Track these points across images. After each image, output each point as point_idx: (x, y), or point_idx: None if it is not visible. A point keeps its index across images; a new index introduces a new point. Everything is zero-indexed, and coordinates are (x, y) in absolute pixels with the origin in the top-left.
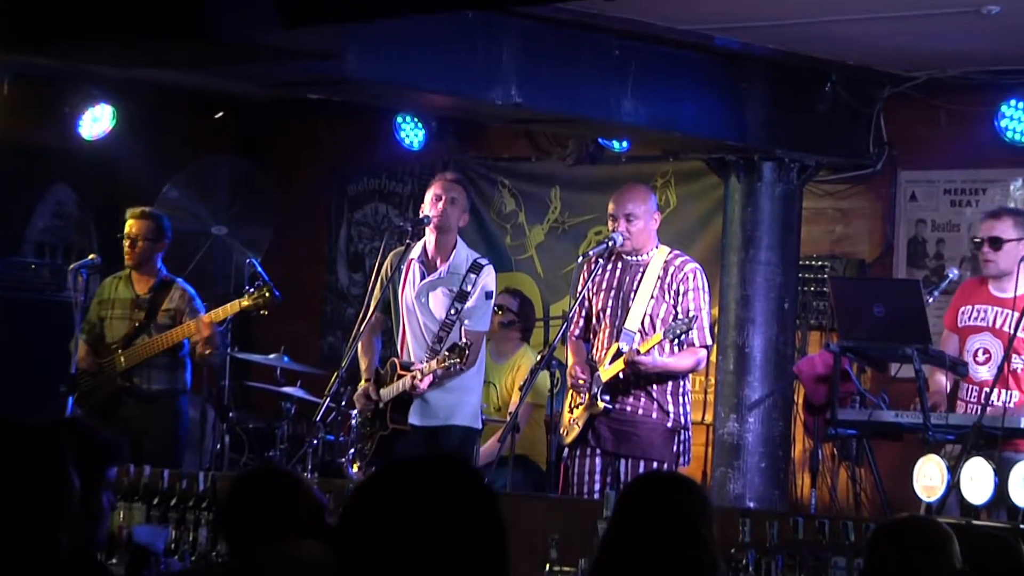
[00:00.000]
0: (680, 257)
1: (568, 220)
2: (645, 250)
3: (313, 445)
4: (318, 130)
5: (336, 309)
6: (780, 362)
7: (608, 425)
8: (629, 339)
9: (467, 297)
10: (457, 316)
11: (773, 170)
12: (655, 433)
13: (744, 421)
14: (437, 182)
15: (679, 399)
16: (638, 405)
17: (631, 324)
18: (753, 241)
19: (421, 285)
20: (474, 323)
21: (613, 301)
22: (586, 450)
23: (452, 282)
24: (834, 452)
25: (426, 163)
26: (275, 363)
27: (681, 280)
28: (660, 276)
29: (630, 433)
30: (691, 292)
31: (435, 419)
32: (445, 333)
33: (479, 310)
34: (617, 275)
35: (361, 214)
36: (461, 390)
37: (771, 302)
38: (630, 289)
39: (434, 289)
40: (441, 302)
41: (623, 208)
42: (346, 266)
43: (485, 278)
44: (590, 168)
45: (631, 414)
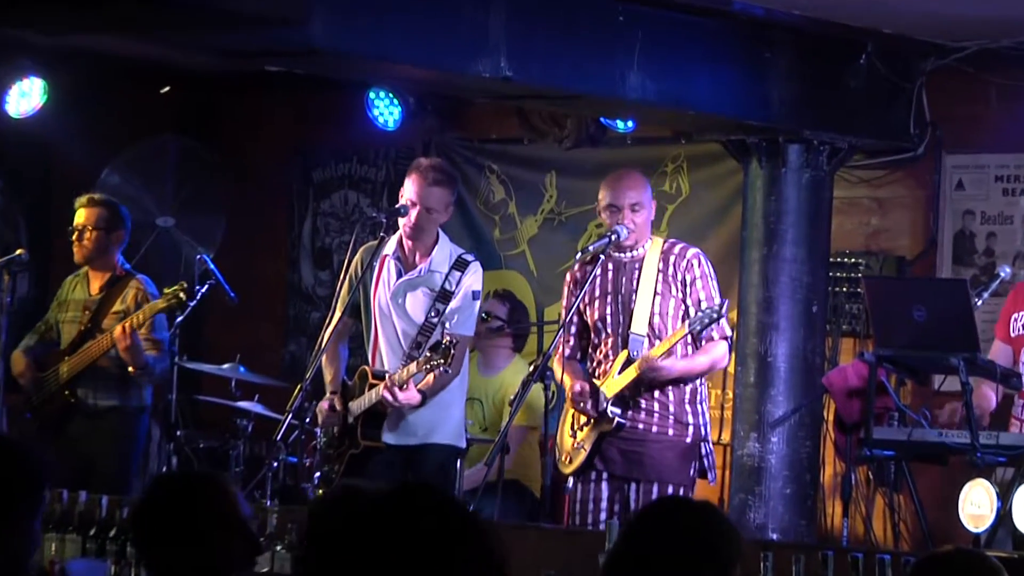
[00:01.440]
0: (678, 244)
1: (565, 211)
2: (640, 243)
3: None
4: (278, 107)
5: (299, 312)
6: (807, 373)
7: (617, 445)
8: (638, 345)
9: (450, 297)
10: (438, 319)
11: (800, 154)
12: (671, 453)
13: (766, 441)
14: (415, 177)
15: (697, 408)
16: (651, 421)
17: (637, 328)
18: (777, 235)
19: (397, 285)
20: (458, 326)
21: (612, 307)
22: (590, 475)
23: (433, 281)
24: (869, 476)
25: (403, 145)
26: (229, 374)
27: (686, 269)
28: (660, 269)
29: (642, 454)
30: (699, 280)
31: (412, 437)
32: (424, 338)
33: (464, 312)
34: (611, 277)
35: (328, 204)
36: (442, 404)
37: (797, 305)
38: (629, 290)
39: (412, 289)
40: (420, 303)
41: (625, 197)
42: (311, 263)
43: (471, 276)
44: (591, 151)
45: (643, 432)
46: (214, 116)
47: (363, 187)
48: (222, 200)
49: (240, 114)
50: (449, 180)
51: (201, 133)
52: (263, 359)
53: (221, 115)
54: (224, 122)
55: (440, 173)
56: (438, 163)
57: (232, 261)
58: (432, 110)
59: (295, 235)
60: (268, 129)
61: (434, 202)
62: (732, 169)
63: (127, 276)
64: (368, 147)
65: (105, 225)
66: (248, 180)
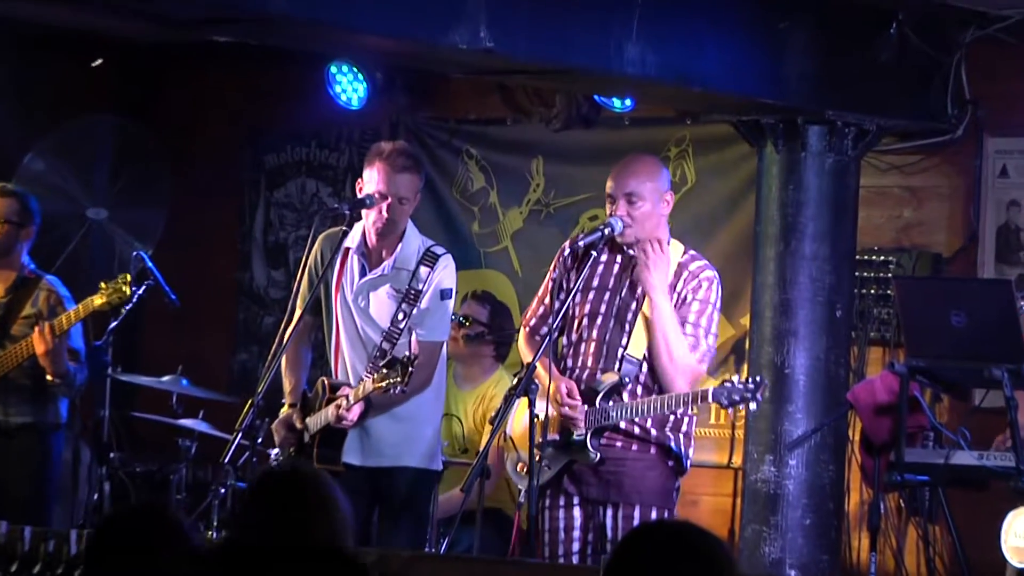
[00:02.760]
0: (697, 261)
1: (554, 201)
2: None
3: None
4: (227, 83)
5: (250, 317)
6: (830, 387)
7: (592, 466)
8: (631, 370)
9: (418, 298)
10: (406, 322)
11: (822, 136)
12: (653, 473)
13: (783, 465)
14: (380, 165)
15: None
16: (630, 443)
17: (634, 350)
18: (795, 229)
19: (360, 283)
20: (427, 331)
21: (607, 308)
22: (559, 499)
23: (399, 279)
24: (900, 504)
25: (368, 127)
26: (170, 387)
27: (692, 287)
28: (671, 283)
29: (620, 474)
30: (698, 303)
31: (380, 457)
32: (390, 345)
33: (434, 314)
34: (615, 271)
35: (283, 193)
36: (414, 420)
37: (819, 309)
38: (630, 297)
39: (375, 289)
40: (386, 305)
41: (623, 185)
42: (263, 261)
43: (441, 272)
44: (583, 134)
45: (621, 450)
46: (153, 93)
47: (323, 174)
48: (162, 189)
49: (183, 91)
50: (417, 164)
51: (139, 113)
52: (209, 370)
53: (162, 92)
54: (165, 100)
55: (407, 158)
56: (402, 146)
57: (173, 259)
58: (402, 86)
59: (245, 229)
60: (215, 108)
61: (405, 190)
62: (744, 154)
63: (35, 277)
64: (329, 129)
65: (17, 219)
66: (192, 166)
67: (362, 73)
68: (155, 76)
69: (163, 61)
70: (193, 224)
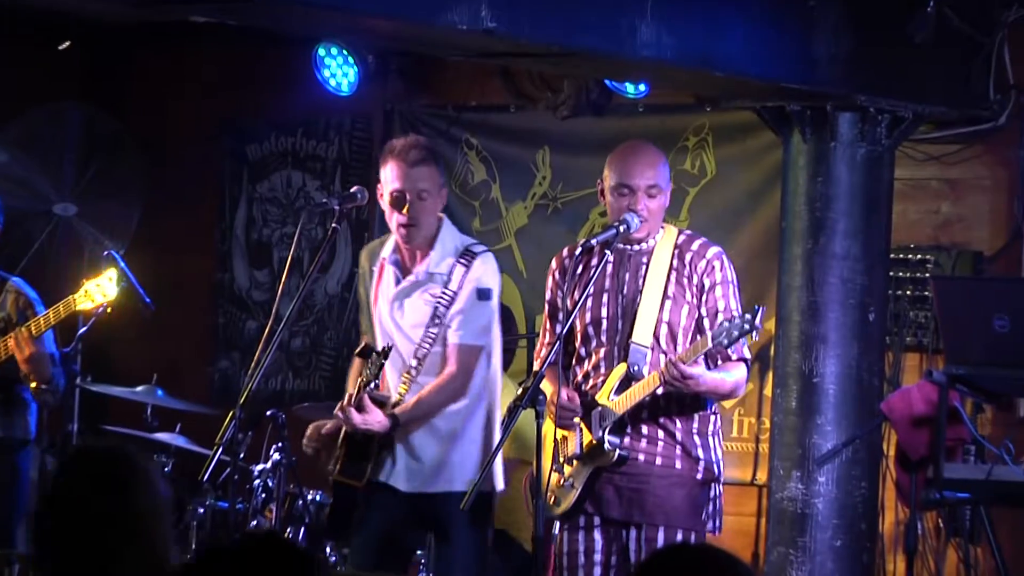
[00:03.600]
0: (697, 239)
1: (562, 195)
2: (651, 234)
3: (198, 515)
4: (205, 68)
5: (231, 321)
6: (863, 397)
7: (613, 482)
8: (640, 358)
9: (453, 299)
10: (440, 329)
11: (853, 124)
12: (680, 491)
13: (812, 481)
14: (393, 162)
15: (709, 441)
16: (654, 451)
17: (641, 336)
18: (825, 225)
19: (395, 293)
20: (461, 332)
21: (611, 308)
22: (579, 520)
23: (434, 283)
24: (939, 525)
25: (359, 115)
26: (145, 399)
27: (705, 271)
28: (674, 266)
29: (643, 492)
30: (720, 287)
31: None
32: (424, 351)
33: (470, 315)
34: (611, 271)
35: (267, 187)
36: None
37: (850, 312)
38: (633, 289)
39: (410, 297)
40: (420, 313)
41: (641, 176)
42: (245, 261)
43: (479, 271)
44: (593, 122)
45: (644, 465)
46: (126, 79)
47: (310, 166)
48: (135, 183)
49: (158, 76)
50: (433, 156)
51: (109, 100)
52: (186, 380)
53: (134, 78)
54: (138, 86)
55: (420, 150)
56: (414, 140)
57: (148, 259)
58: (396, 71)
59: (226, 226)
60: (193, 95)
61: (423, 183)
62: (769, 144)
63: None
64: (316, 117)
65: None
66: (168, 158)
67: (353, 56)
68: (127, 60)
69: (136, 44)
70: (169, 221)
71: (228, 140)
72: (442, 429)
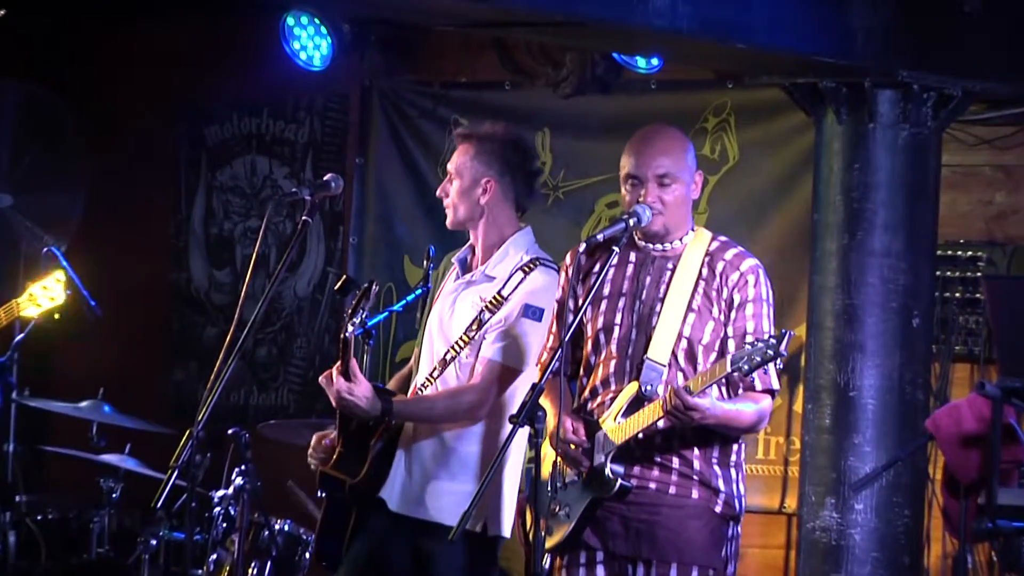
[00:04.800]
0: (731, 248)
1: (564, 184)
2: (677, 233)
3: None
4: (158, 40)
5: (188, 327)
6: (906, 414)
7: (619, 513)
8: (655, 377)
9: (500, 305)
10: (479, 332)
11: (895, 103)
12: (696, 522)
13: (848, 509)
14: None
15: (731, 472)
16: (667, 480)
17: (657, 352)
18: (862, 218)
19: (450, 290)
20: (497, 347)
21: (625, 315)
22: (579, 556)
23: (486, 288)
24: (992, 557)
25: (333, 93)
26: (90, 415)
27: (738, 286)
28: (703, 276)
29: (654, 523)
30: (752, 304)
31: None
32: (453, 354)
33: (509, 330)
34: (630, 273)
35: (229, 174)
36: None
37: (891, 317)
38: (653, 297)
39: (462, 297)
40: (465, 314)
41: (653, 164)
42: (204, 258)
43: (534, 283)
44: (599, 101)
45: (656, 493)
46: (68, 52)
47: (278, 151)
48: (78, 171)
49: (105, 49)
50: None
51: (49, 77)
52: (137, 394)
53: (79, 50)
54: (82, 60)
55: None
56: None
57: (93, 256)
58: (375, 43)
59: (182, 219)
60: (143, 71)
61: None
62: (798, 125)
63: None
64: (284, 95)
65: None
66: (115, 143)
67: (326, 26)
68: (69, 32)
69: (78, 13)
70: (117, 213)
71: (184, 122)
72: (453, 450)
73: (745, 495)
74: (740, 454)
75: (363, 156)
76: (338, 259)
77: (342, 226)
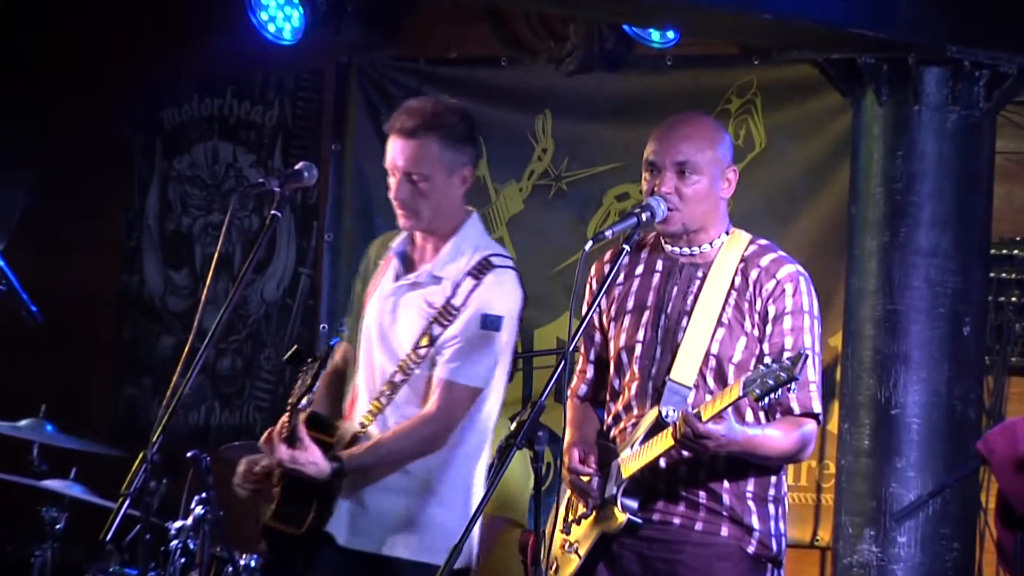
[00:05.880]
0: (769, 253)
1: (567, 173)
2: (708, 235)
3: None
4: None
5: (141, 337)
6: (955, 434)
7: (636, 550)
8: (678, 401)
9: (452, 318)
10: (431, 349)
11: (942, 82)
12: (724, 563)
13: (890, 542)
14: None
15: (769, 508)
16: (693, 516)
17: (681, 374)
18: (906, 212)
19: (390, 291)
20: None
21: (648, 332)
22: None
23: (435, 292)
24: None
25: (306, 70)
26: (30, 435)
27: (773, 296)
28: (735, 286)
29: (677, 564)
30: (789, 317)
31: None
32: (404, 376)
33: (468, 346)
34: (656, 283)
35: (187, 162)
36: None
37: (939, 324)
38: (680, 309)
39: (406, 300)
40: (414, 324)
41: (673, 150)
42: (159, 258)
43: (489, 291)
44: (607, 79)
45: (680, 529)
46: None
47: (243, 136)
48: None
49: (48, 22)
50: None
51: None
52: (84, 412)
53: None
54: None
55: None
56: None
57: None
58: (353, 14)
59: (134, 213)
60: (92, 46)
61: (413, 163)
62: (832, 107)
63: None
64: (251, 73)
65: None
66: (59, 128)
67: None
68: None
69: None
70: (61, 208)
71: (136, 104)
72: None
73: (786, 533)
74: (781, 487)
75: (339, 142)
76: (311, 259)
77: (316, 221)
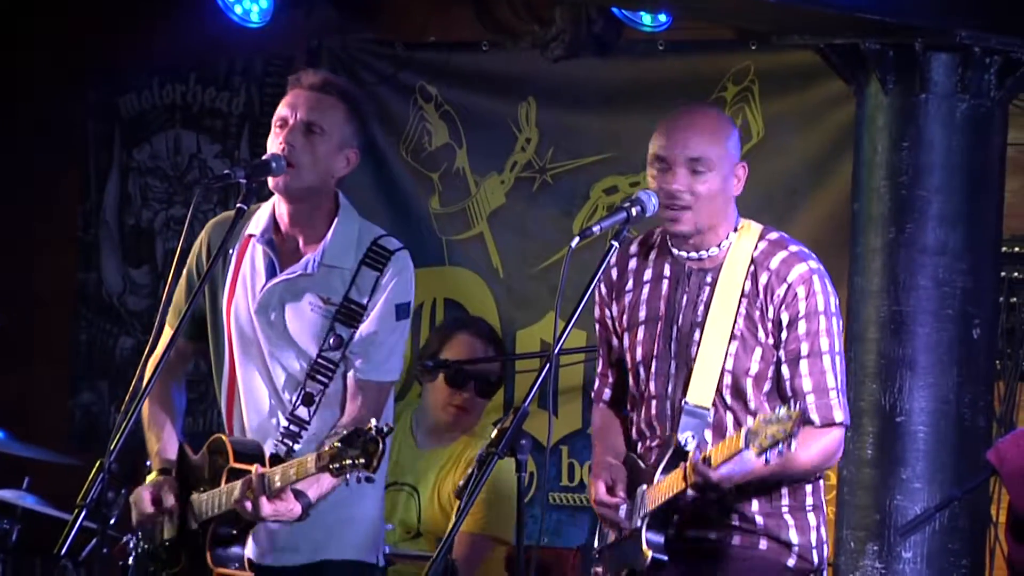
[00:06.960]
0: (779, 252)
1: (553, 165)
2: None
3: None
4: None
5: (98, 339)
6: (964, 443)
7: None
8: (697, 425)
9: (358, 316)
10: (341, 353)
11: (951, 69)
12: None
13: (895, 558)
14: (294, 89)
15: (807, 518)
16: (729, 528)
17: (699, 395)
18: (912, 207)
19: (267, 289)
20: (371, 367)
21: (662, 345)
22: None
23: (329, 284)
24: None
25: (275, 54)
26: None
27: (786, 301)
28: (745, 291)
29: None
30: (803, 321)
31: (293, 552)
32: (318, 386)
33: (383, 342)
34: (665, 291)
35: (147, 153)
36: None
37: (947, 327)
38: (691, 322)
39: (293, 296)
40: (309, 323)
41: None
42: (117, 255)
43: (397, 279)
44: (595, 64)
45: (716, 542)
46: None
47: (207, 125)
48: None
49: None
50: (346, 97)
51: None
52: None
53: None
54: None
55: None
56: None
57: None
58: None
59: (90, 207)
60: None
61: (318, 115)
62: (835, 95)
63: None
64: (216, 57)
65: None
66: (9, 114)
67: None
68: None
69: None
70: (12, 201)
71: (93, 90)
72: None
73: (827, 541)
74: (818, 494)
75: None
76: None
77: None
